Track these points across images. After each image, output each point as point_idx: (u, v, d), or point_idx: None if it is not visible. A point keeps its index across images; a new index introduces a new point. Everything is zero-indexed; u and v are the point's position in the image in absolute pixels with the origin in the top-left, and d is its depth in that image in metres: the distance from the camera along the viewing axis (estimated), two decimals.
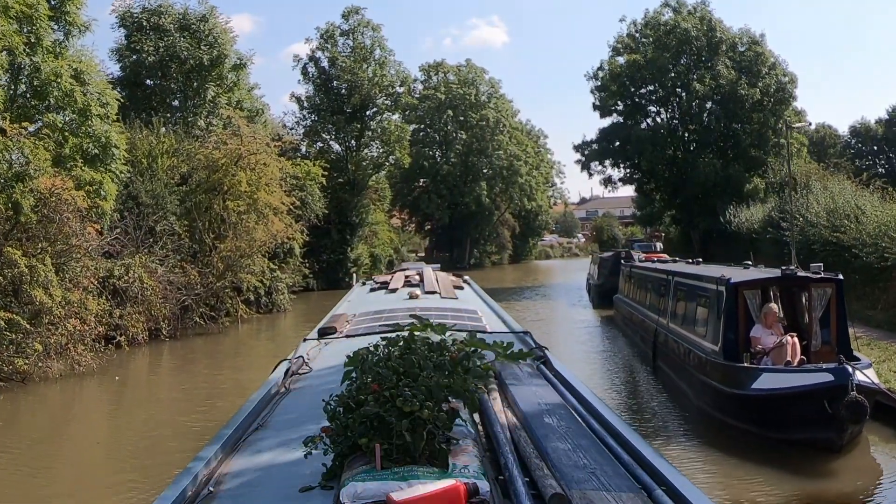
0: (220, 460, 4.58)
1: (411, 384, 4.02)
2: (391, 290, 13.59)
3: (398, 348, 4.57)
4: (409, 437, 3.74)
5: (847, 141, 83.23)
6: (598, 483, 3.75)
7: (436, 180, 74.97)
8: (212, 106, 38.12)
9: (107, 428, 16.34)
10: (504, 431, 4.49)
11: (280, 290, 36.28)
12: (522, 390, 5.53)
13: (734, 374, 12.78)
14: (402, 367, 4.23)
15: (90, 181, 22.17)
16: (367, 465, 3.66)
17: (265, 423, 5.44)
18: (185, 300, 27.48)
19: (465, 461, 3.80)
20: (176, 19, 38.02)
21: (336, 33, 54.14)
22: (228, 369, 22.11)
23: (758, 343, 13.02)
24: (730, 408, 12.96)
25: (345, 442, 3.93)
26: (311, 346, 8.55)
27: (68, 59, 23.25)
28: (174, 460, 11.87)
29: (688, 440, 13.49)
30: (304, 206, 38.86)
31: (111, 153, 23.34)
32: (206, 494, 4.03)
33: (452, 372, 4.42)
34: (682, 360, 15.95)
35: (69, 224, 19.74)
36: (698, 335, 15.21)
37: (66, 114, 22.67)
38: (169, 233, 28.52)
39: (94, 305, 21.11)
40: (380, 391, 3.98)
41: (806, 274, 13.83)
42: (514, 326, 9.94)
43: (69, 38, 24.25)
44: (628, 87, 52.17)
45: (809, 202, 28.58)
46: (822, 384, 11.11)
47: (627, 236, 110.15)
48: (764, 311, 13.23)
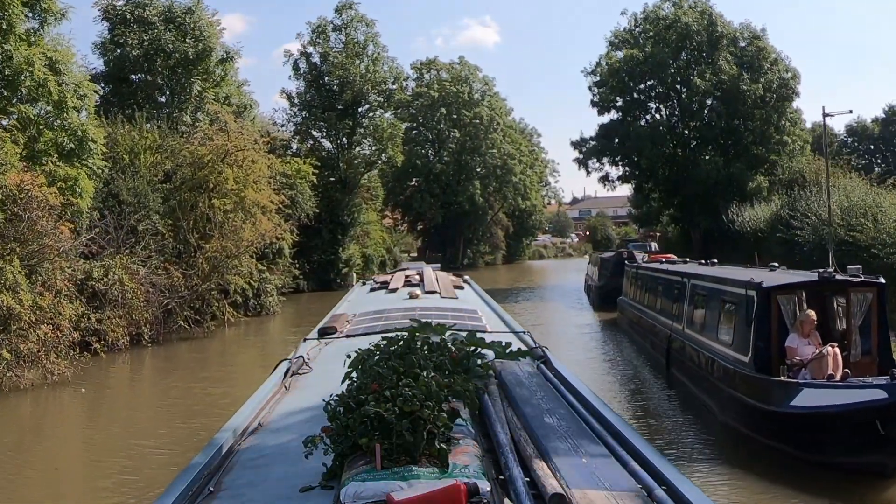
0: (221, 460, 4.56)
1: (411, 384, 4.03)
2: (391, 289, 13.60)
3: (398, 348, 4.60)
4: (410, 437, 3.75)
5: (843, 140, 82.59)
6: (599, 483, 3.75)
7: (428, 179, 73.93)
8: (198, 101, 36.97)
9: (76, 446, 14.88)
10: (504, 431, 4.51)
11: (269, 292, 35.07)
12: (522, 390, 5.52)
13: (769, 389, 11.54)
14: (403, 367, 4.27)
15: (64, 177, 20.77)
16: (368, 465, 3.67)
17: (265, 423, 5.44)
18: (169, 303, 26.22)
19: (465, 461, 3.81)
20: (161, 12, 36.94)
21: (328, 28, 52.94)
22: (208, 380, 20.66)
23: (794, 354, 11.79)
24: (763, 426, 11.70)
25: (345, 442, 3.95)
26: (311, 346, 8.58)
27: (43, 48, 21.88)
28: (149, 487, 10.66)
29: (712, 459, 12.23)
30: (294, 204, 38.03)
31: (88, 147, 21.99)
32: (206, 494, 4.01)
33: (452, 372, 4.52)
34: (704, 370, 14.72)
35: (40, 223, 18.37)
36: (722, 343, 13.99)
37: (41, 106, 21.31)
38: (152, 232, 27.23)
39: (70, 310, 19.78)
40: (380, 391, 4.00)
41: (845, 277, 12.64)
42: (514, 326, 9.89)
43: (45, 26, 22.88)
44: (627, 83, 51.15)
45: (822, 200, 27.41)
46: (874, 402, 9.86)
47: (621, 236, 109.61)
48: (800, 318, 12.00)
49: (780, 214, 32.55)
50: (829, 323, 12.64)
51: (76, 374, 19.42)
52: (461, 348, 5.20)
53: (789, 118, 48.48)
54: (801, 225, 27.63)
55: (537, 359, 7.01)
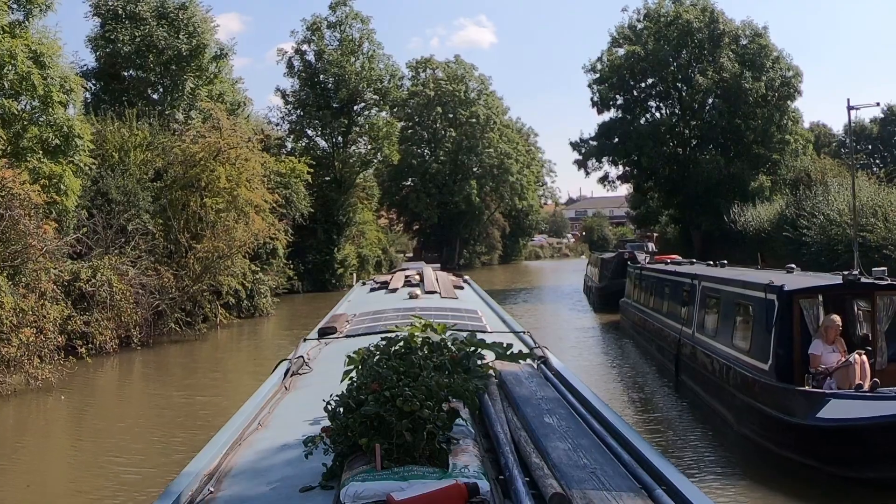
0: (220, 460, 4.53)
1: (411, 384, 3.99)
2: (391, 290, 13.51)
3: (398, 348, 4.55)
4: (410, 437, 3.76)
5: (842, 140, 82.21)
6: (599, 483, 3.74)
7: (424, 179, 73.15)
8: (191, 98, 36.20)
9: (53, 460, 14.05)
10: (504, 431, 4.50)
11: (262, 293, 34.29)
12: (522, 390, 5.50)
13: (792, 399, 10.85)
14: (403, 367, 4.22)
15: (48, 174, 19.99)
16: (368, 465, 3.66)
17: (265, 423, 5.42)
18: (159, 305, 25.40)
19: (465, 461, 3.80)
20: (153, 8, 36.05)
21: (323, 26, 52.04)
22: (196, 388, 19.87)
23: (818, 362, 11.10)
24: (785, 438, 11.00)
25: (345, 442, 3.95)
26: (311, 346, 8.54)
27: (27, 40, 21.08)
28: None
29: (728, 472, 11.53)
30: (288, 204, 37.33)
31: (74, 144, 21.21)
32: (206, 494, 3.99)
33: (452, 372, 4.49)
34: (718, 377, 14.01)
35: (22, 221, 17.58)
36: (738, 350, 13.29)
37: (25, 100, 20.54)
38: (142, 232, 26.41)
39: (54, 312, 19.01)
40: (380, 391, 3.96)
41: (872, 280, 11.96)
42: (514, 326, 9.85)
43: (30, 18, 22.11)
44: (628, 81, 50.52)
45: (829, 200, 26.76)
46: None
47: (618, 236, 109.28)
48: (825, 323, 11.30)
49: (787, 214, 31.89)
50: (849, 328, 11.97)
51: (61, 379, 18.64)
52: (461, 348, 5.15)
53: (791, 117, 47.94)
54: (809, 225, 26.94)
55: (537, 359, 7.00)
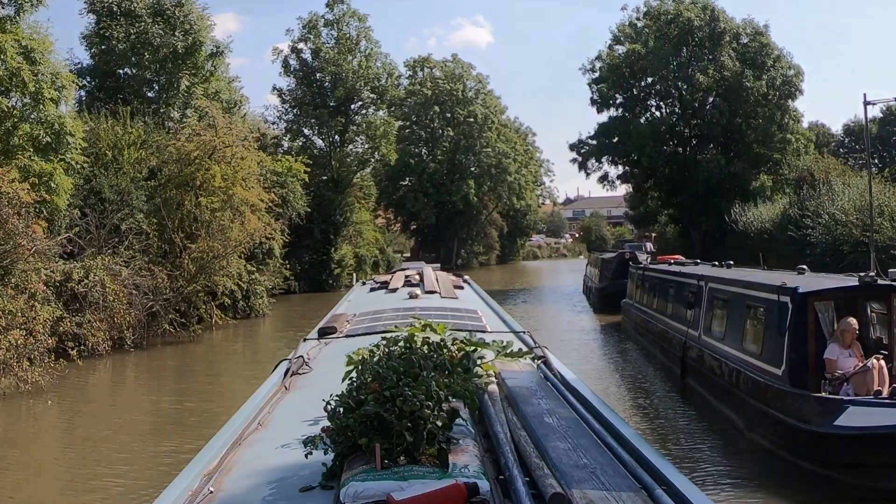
0: (220, 460, 4.53)
1: (411, 384, 3.99)
2: (391, 289, 13.48)
3: (398, 348, 4.56)
4: (410, 437, 3.76)
5: (841, 139, 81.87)
6: (599, 482, 3.75)
7: (422, 178, 72.74)
8: (186, 96, 35.67)
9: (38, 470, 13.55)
10: (504, 431, 4.49)
11: (258, 294, 33.87)
12: (522, 390, 5.50)
13: (808, 406, 10.45)
14: (403, 367, 4.22)
15: (38, 172, 19.54)
16: (368, 465, 3.66)
17: (265, 423, 5.41)
18: (153, 306, 24.97)
19: (465, 461, 3.80)
20: (149, 4, 35.53)
21: (320, 24, 51.61)
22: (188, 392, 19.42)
23: (835, 367, 10.70)
24: (800, 446, 10.58)
25: (345, 442, 3.94)
26: (311, 346, 8.52)
27: (18, 35, 20.62)
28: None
29: (738, 479, 11.15)
30: (285, 203, 36.92)
31: (65, 141, 20.76)
32: (206, 494, 3.98)
33: (452, 372, 4.48)
34: (728, 381, 13.61)
35: (11, 220, 17.13)
36: (749, 353, 12.88)
37: (16, 97, 20.08)
38: (135, 232, 26.02)
39: (45, 313, 18.56)
40: (380, 391, 3.96)
41: (889, 282, 11.56)
42: (514, 326, 9.84)
43: (21, 13, 21.64)
44: (627, 79, 50.10)
45: (834, 199, 26.37)
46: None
47: (616, 237, 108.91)
48: (841, 327, 10.89)
49: (790, 214, 31.50)
50: (862, 331, 11.57)
51: (52, 381, 18.21)
52: (461, 348, 5.09)
53: (792, 116, 47.60)
54: (814, 224, 26.55)
55: (537, 359, 6.99)
